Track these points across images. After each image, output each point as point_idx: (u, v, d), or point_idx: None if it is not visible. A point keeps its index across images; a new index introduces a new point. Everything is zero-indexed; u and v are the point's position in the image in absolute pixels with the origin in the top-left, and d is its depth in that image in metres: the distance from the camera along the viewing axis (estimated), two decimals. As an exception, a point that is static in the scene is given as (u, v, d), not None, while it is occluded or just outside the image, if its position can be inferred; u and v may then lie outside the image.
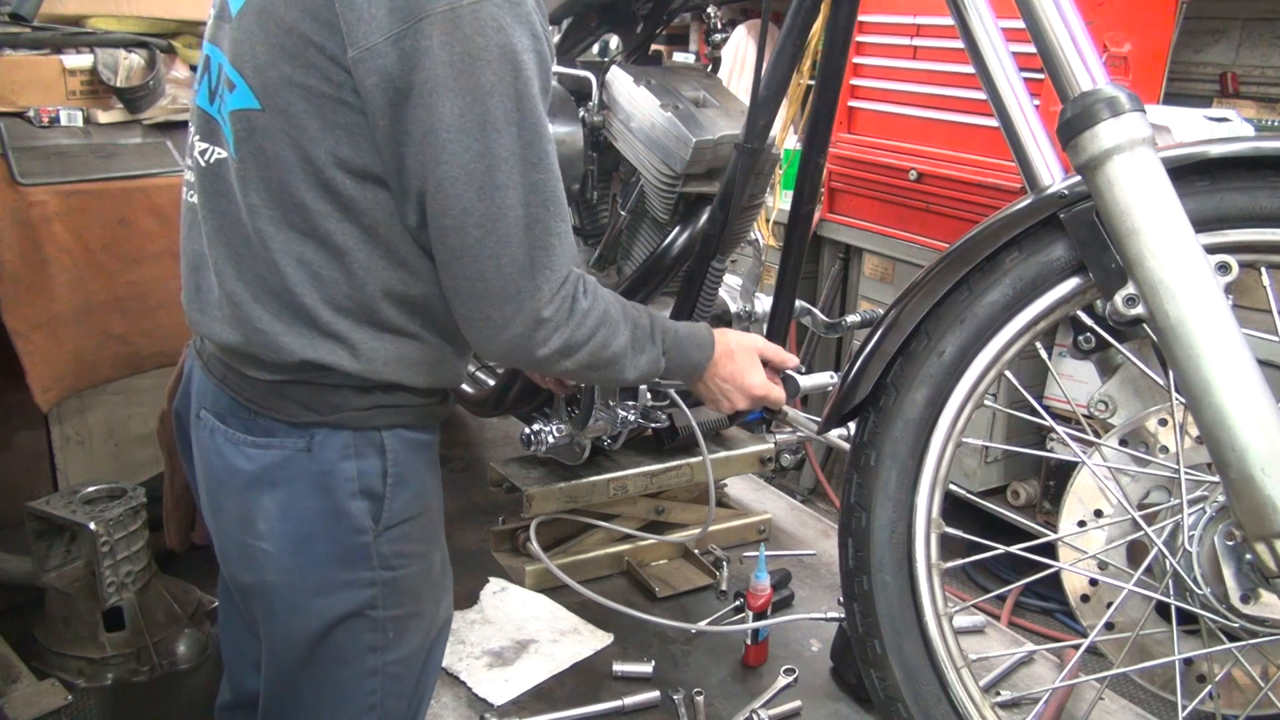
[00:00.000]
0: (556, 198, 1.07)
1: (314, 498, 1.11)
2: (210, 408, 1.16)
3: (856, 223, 3.18)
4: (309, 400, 1.10)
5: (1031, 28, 1.16)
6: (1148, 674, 1.21)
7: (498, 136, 1.01)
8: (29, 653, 2.11)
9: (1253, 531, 1.03)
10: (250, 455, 1.11)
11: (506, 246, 1.04)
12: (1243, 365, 1.02)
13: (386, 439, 1.13)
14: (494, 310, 1.06)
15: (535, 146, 1.04)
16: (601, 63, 1.80)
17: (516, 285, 1.05)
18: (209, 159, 1.11)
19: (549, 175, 1.06)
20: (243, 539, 1.14)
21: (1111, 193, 1.08)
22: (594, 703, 1.62)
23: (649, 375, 1.27)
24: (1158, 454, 1.18)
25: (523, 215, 1.04)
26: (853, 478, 1.28)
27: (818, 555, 2.12)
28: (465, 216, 1.02)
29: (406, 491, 1.15)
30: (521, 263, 1.05)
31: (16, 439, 2.37)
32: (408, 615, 1.18)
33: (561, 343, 1.11)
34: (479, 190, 1.01)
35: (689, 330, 1.33)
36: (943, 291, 1.21)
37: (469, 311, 1.08)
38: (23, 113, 2.11)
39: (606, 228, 1.87)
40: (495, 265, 1.04)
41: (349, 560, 1.13)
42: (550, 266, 1.07)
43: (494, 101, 1.00)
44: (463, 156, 1.00)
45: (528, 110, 1.02)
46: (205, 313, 1.13)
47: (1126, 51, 2.59)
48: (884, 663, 1.26)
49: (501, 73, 1.00)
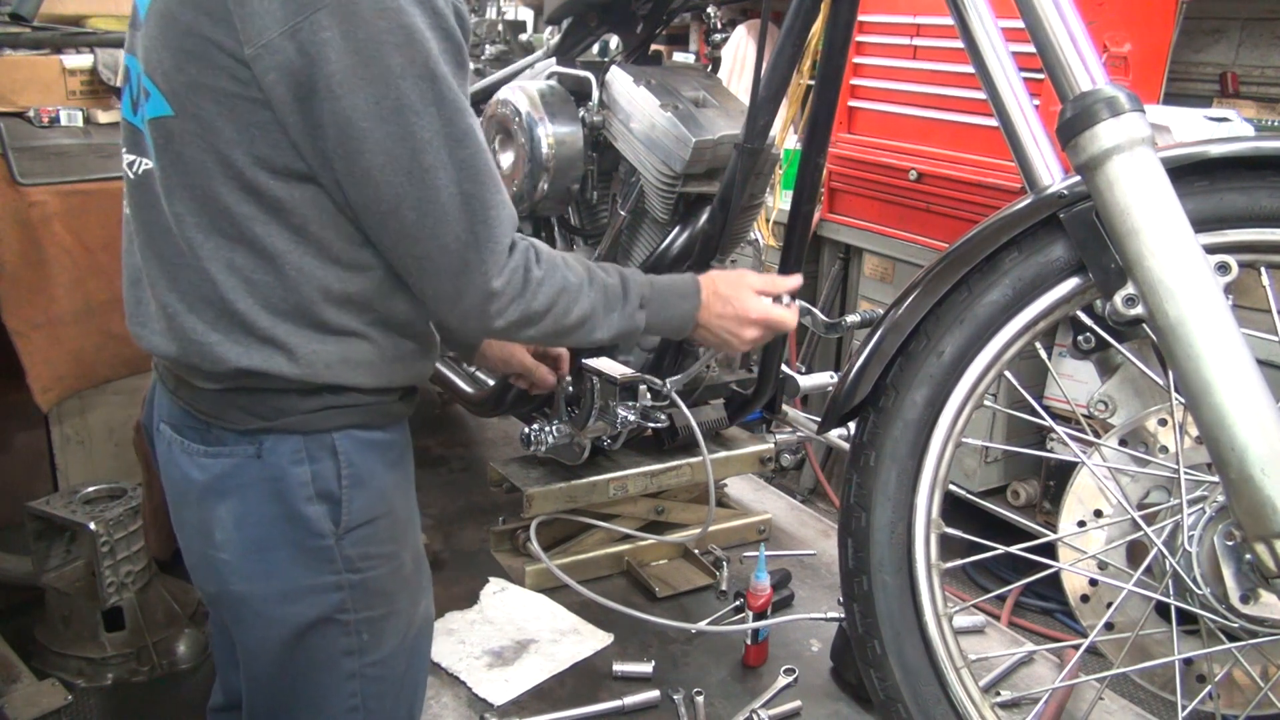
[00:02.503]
0: (488, 170, 1.06)
1: (268, 504, 1.09)
2: (167, 420, 1.15)
3: (856, 223, 3.18)
4: (254, 407, 1.08)
5: (1031, 28, 1.16)
6: (1148, 674, 1.21)
7: (417, 119, 0.99)
8: (29, 653, 2.11)
9: (1252, 531, 1.03)
10: (203, 465, 1.10)
11: (446, 224, 1.03)
12: (1242, 365, 1.02)
13: (337, 441, 1.11)
14: (446, 284, 1.07)
15: (457, 123, 1.02)
16: (601, 63, 1.80)
17: (463, 259, 1.06)
18: (137, 170, 1.09)
19: (476, 149, 1.05)
20: (204, 550, 1.13)
21: (1111, 193, 1.08)
22: (594, 703, 1.62)
23: (629, 333, 1.27)
24: (1157, 454, 1.18)
25: (457, 193, 1.03)
26: (853, 478, 1.28)
27: (818, 555, 2.12)
28: (399, 202, 1.01)
29: (365, 492, 1.12)
30: (464, 238, 1.05)
31: (16, 439, 2.37)
32: (381, 616, 1.17)
33: (519, 314, 1.12)
34: (408, 175, 1.01)
35: (669, 281, 1.32)
36: (942, 292, 1.21)
37: (423, 286, 1.08)
38: (23, 113, 2.11)
39: (606, 228, 1.87)
40: (438, 244, 1.04)
41: (312, 565, 1.11)
42: (493, 238, 1.07)
43: (407, 85, 0.98)
44: (385, 144, 0.99)
45: (443, 88, 1.00)
46: (145, 325, 1.12)
47: (1126, 51, 2.59)
48: (884, 663, 1.26)
49: (408, 54, 0.98)
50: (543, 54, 2.01)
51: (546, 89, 1.80)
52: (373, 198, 1.01)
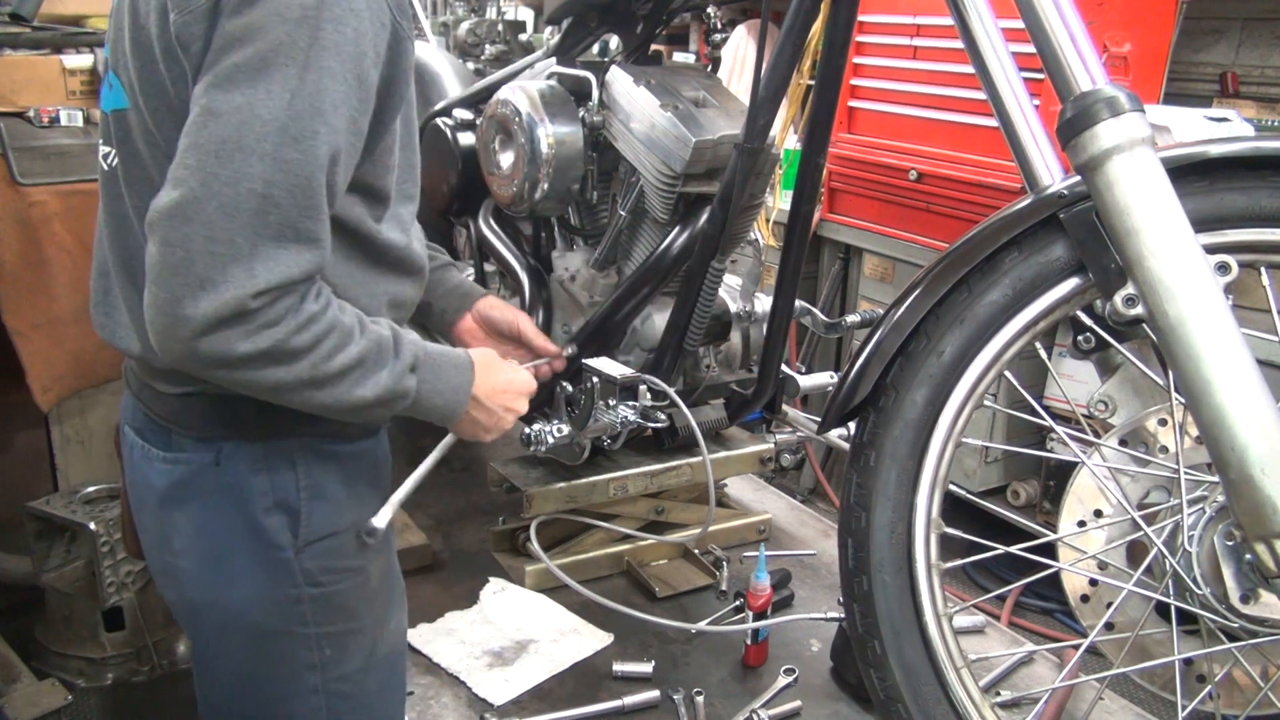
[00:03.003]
0: (310, 189, 0.91)
1: (226, 513, 1.06)
2: (131, 423, 1.13)
3: (856, 223, 3.18)
4: (212, 413, 1.05)
5: (1031, 28, 1.16)
6: (1148, 674, 1.21)
7: (266, 98, 0.88)
8: (29, 653, 2.12)
9: (1252, 531, 1.03)
10: (162, 471, 1.08)
11: (226, 222, 0.88)
12: (1242, 365, 1.02)
13: (296, 450, 1.07)
14: (185, 290, 0.88)
15: (304, 121, 0.89)
16: (601, 63, 1.80)
17: (225, 272, 0.88)
18: (109, 162, 1.07)
19: (309, 160, 0.90)
20: (163, 557, 1.11)
21: (1111, 193, 1.08)
22: (594, 703, 1.62)
23: (393, 399, 1.05)
24: (1157, 454, 1.18)
25: (259, 192, 0.88)
26: (853, 478, 1.28)
27: (818, 555, 2.12)
28: (198, 169, 0.88)
29: (325, 505, 1.09)
30: (240, 248, 0.88)
31: (16, 439, 2.37)
32: (344, 632, 1.13)
33: (271, 343, 0.92)
34: (220, 145, 0.88)
35: (441, 349, 1.14)
36: (942, 292, 1.21)
37: (159, 287, 0.89)
38: (23, 113, 2.11)
39: (606, 228, 1.87)
40: (206, 239, 0.88)
41: (270, 577, 1.08)
42: (275, 262, 0.90)
43: (278, 60, 0.88)
44: (220, 106, 0.88)
45: (311, 81, 0.89)
46: (111, 317, 1.10)
47: (1126, 51, 2.59)
48: (884, 663, 1.26)
49: (295, 34, 0.88)
50: (543, 54, 2.01)
51: (546, 89, 1.80)
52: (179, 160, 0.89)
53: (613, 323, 1.80)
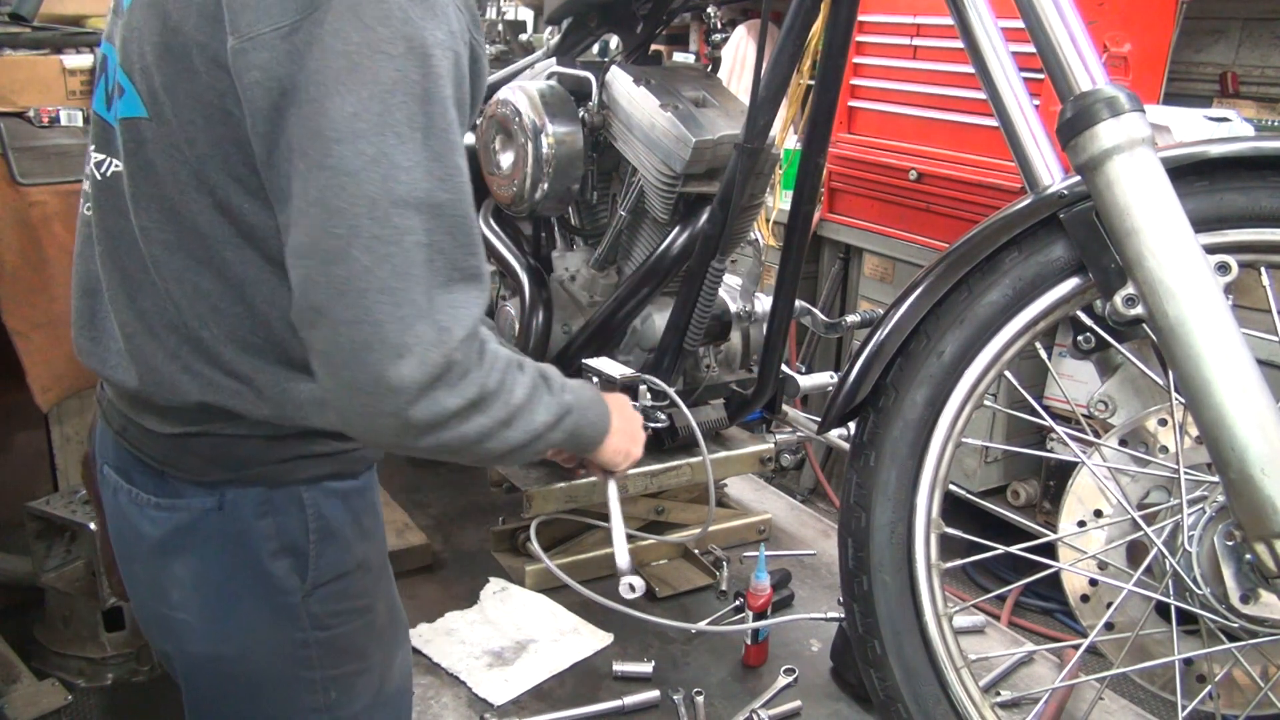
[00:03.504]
0: (466, 227, 0.88)
1: (230, 561, 0.99)
2: (113, 464, 1.04)
3: (856, 223, 3.18)
4: (216, 455, 0.98)
5: (1031, 28, 1.16)
6: (1148, 674, 1.21)
7: (399, 142, 0.83)
8: (29, 653, 2.12)
9: (1252, 532, 1.03)
10: (155, 519, 1.00)
11: (403, 283, 0.84)
12: (1242, 365, 1.02)
13: (305, 493, 1.01)
14: (385, 364, 0.84)
15: (444, 159, 0.86)
16: (601, 63, 1.80)
17: (415, 333, 0.84)
18: (105, 171, 0.98)
19: (459, 198, 0.87)
20: (158, 609, 1.04)
21: (1111, 193, 1.08)
22: (594, 703, 1.62)
23: (561, 415, 1.05)
24: (1157, 454, 1.18)
25: (424, 243, 0.85)
26: (853, 478, 1.28)
27: (818, 555, 2.12)
28: (352, 238, 0.82)
29: (334, 545, 1.03)
30: (420, 306, 0.85)
31: (16, 439, 2.37)
32: (352, 673, 1.08)
33: (476, 390, 0.90)
34: (370, 205, 0.82)
35: (577, 382, 1.14)
36: (942, 292, 1.21)
37: (352, 370, 0.85)
38: (23, 113, 2.11)
39: (606, 228, 1.87)
40: (391, 306, 0.83)
41: (276, 623, 1.01)
42: (455, 309, 0.87)
43: (396, 100, 0.83)
44: (353, 163, 0.82)
45: (437, 115, 0.85)
46: (99, 342, 1.02)
47: (1126, 51, 2.59)
48: (884, 663, 1.26)
49: (406, 68, 0.83)
50: (543, 54, 2.01)
51: (546, 89, 1.80)
52: (320, 230, 0.83)
53: (613, 323, 1.80)
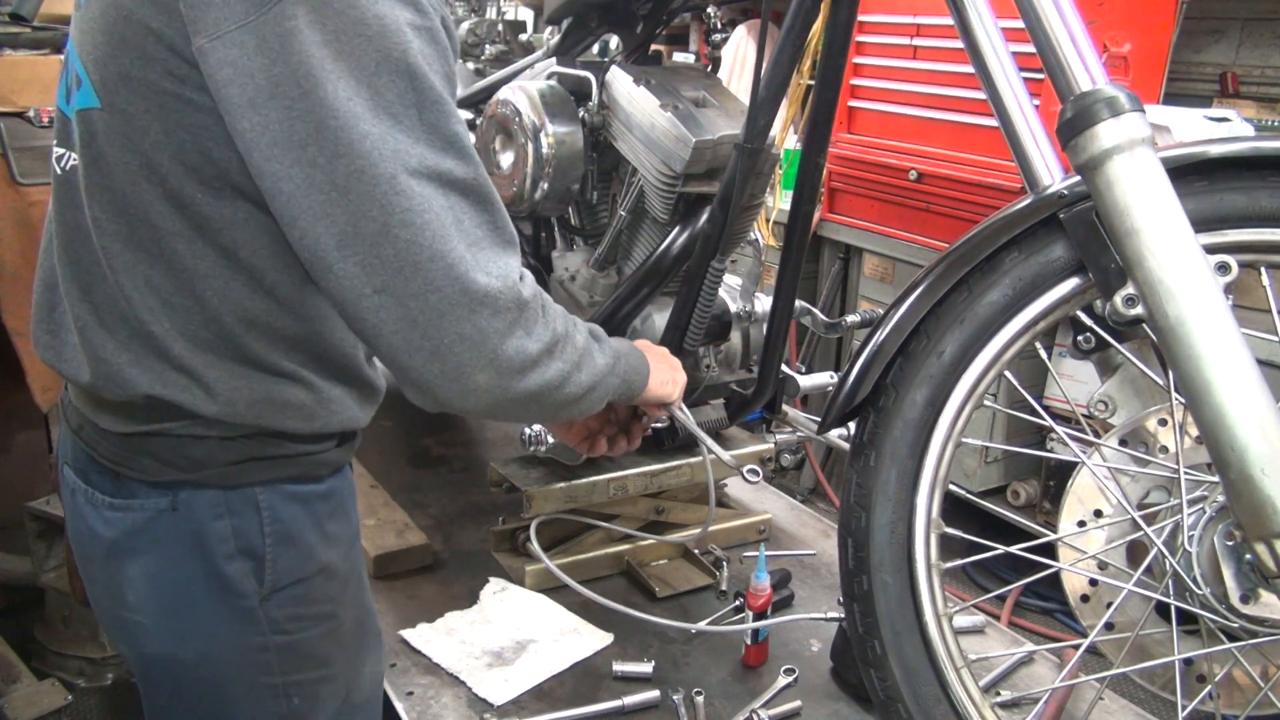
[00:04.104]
0: (483, 187, 0.92)
1: (185, 562, 0.97)
2: (71, 463, 1.03)
3: (856, 223, 3.18)
4: (169, 455, 0.96)
5: (1031, 28, 1.16)
6: (1148, 674, 1.21)
7: (395, 123, 0.85)
8: (29, 653, 2.12)
9: (1253, 531, 1.03)
10: (109, 519, 0.98)
11: (445, 243, 0.87)
12: (1242, 365, 1.02)
13: (261, 495, 0.98)
14: (465, 317, 0.89)
15: (442, 128, 0.88)
16: (601, 63, 1.80)
17: (479, 287, 0.89)
18: (64, 165, 0.98)
19: (466, 161, 0.90)
20: (115, 610, 1.02)
21: (1111, 193, 1.08)
22: (594, 703, 1.62)
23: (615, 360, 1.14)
24: (1158, 454, 1.18)
25: (447, 205, 0.88)
26: (853, 478, 1.28)
27: (818, 555, 2.12)
28: (387, 217, 0.85)
29: (293, 550, 1.01)
30: (469, 261, 0.89)
31: (16, 439, 2.38)
32: (314, 680, 1.06)
33: (550, 335, 0.98)
34: (391, 183, 0.85)
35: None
36: (942, 292, 1.21)
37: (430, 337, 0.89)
38: (23, 113, 2.11)
39: (606, 228, 1.87)
40: (444, 266, 0.87)
41: (233, 627, 1.00)
42: (496, 261, 0.91)
43: (384, 81, 0.85)
44: (362, 145, 0.84)
45: (425, 89, 0.87)
46: (56, 336, 1.02)
47: (1126, 51, 2.60)
48: (884, 663, 1.26)
49: (385, 48, 0.84)
50: (543, 54, 2.01)
51: (546, 89, 1.80)
52: (356, 216, 0.85)
53: (613, 323, 1.80)
